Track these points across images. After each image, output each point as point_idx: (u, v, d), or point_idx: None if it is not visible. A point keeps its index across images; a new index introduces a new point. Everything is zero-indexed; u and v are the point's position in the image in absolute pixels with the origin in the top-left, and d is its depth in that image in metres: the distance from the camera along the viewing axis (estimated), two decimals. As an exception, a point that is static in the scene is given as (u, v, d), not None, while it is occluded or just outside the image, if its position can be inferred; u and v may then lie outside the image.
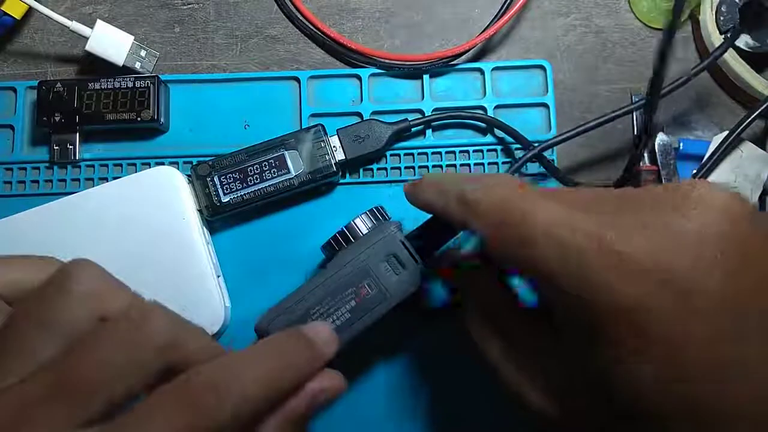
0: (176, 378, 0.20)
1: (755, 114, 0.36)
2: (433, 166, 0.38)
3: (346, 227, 0.32)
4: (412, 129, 0.38)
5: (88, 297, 0.20)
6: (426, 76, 0.39)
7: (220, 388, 0.20)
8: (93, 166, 0.38)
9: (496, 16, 0.40)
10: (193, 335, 0.21)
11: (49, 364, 0.19)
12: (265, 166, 0.36)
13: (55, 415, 0.18)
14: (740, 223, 0.20)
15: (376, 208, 0.33)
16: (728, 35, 0.37)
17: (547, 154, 0.38)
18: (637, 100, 0.38)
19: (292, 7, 0.41)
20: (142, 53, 0.39)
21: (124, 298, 0.21)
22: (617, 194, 0.22)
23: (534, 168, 0.38)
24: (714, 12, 0.39)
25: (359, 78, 0.39)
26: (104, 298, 0.21)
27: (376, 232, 0.31)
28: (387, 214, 0.33)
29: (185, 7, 0.41)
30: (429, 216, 0.33)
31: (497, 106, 0.39)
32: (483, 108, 0.39)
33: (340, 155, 0.37)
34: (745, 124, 0.36)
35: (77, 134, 0.37)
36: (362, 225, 0.32)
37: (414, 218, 0.34)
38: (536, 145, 0.37)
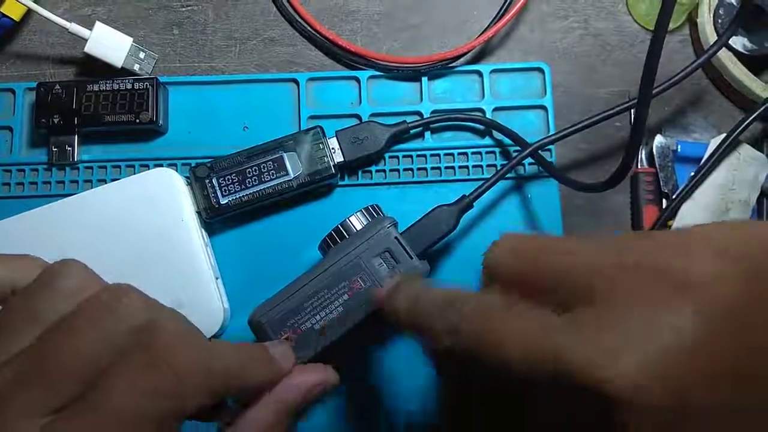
0: (138, 342, 0.20)
1: (753, 116, 0.36)
2: (432, 168, 0.38)
3: (340, 224, 0.32)
4: (411, 131, 0.38)
5: (74, 292, 0.21)
6: (425, 79, 0.39)
7: (182, 351, 0.20)
8: (91, 167, 0.38)
9: (494, 18, 0.40)
10: (167, 316, 0.21)
11: (24, 351, 0.19)
12: (264, 168, 0.36)
13: (28, 399, 0.18)
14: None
15: (371, 206, 0.33)
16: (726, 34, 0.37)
17: (546, 155, 0.38)
18: (634, 98, 0.38)
19: (290, 10, 0.41)
20: (141, 55, 0.39)
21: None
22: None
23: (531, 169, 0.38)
24: (712, 15, 0.39)
25: (358, 80, 0.39)
26: (88, 294, 0.21)
27: (370, 228, 0.31)
28: (382, 212, 0.33)
29: (184, 9, 0.41)
30: (424, 214, 0.34)
31: (496, 109, 0.39)
32: (481, 110, 0.39)
33: (338, 157, 0.37)
34: (742, 126, 0.36)
35: (76, 136, 0.37)
36: (357, 222, 0.32)
37: (412, 219, 0.34)
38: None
